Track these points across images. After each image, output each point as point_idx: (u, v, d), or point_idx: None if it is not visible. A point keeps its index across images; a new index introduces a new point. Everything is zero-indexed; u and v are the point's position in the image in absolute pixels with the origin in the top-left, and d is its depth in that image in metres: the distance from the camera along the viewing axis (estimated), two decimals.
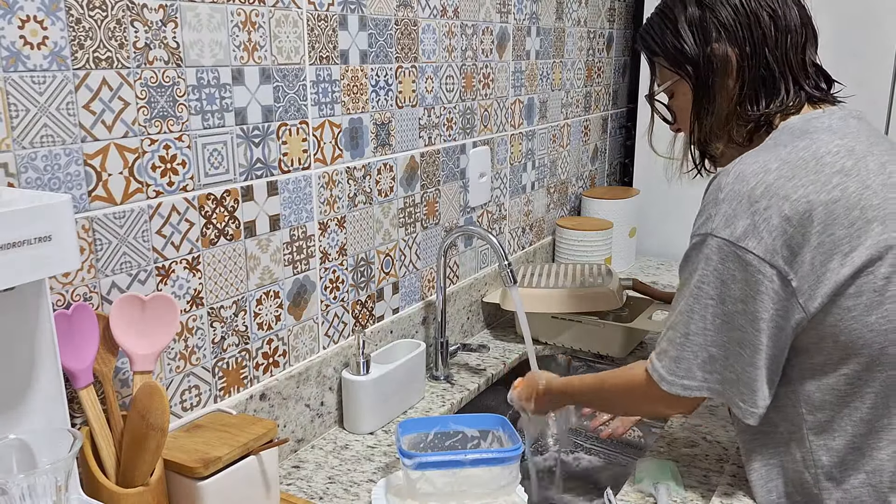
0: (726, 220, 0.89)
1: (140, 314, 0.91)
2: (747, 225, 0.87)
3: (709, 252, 0.90)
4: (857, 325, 0.87)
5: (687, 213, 2.17)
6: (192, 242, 1.01)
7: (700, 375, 0.94)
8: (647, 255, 2.29)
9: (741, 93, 0.98)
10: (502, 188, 1.75)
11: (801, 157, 0.90)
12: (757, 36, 0.97)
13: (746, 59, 0.98)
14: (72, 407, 0.86)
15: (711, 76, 0.99)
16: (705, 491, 1.09)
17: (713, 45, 0.99)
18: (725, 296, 0.90)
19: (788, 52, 0.98)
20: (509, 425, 1.10)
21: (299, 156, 1.15)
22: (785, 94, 0.98)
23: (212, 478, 0.91)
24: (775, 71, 0.97)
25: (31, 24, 0.79)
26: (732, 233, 0.88)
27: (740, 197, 0.89)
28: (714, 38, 0.98)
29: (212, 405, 1.07)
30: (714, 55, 0.99)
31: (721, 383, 0.93)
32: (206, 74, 0.99)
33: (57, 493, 0.71)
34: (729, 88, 0.99)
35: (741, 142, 1.00)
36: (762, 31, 0.97)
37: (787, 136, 0.94)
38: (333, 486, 1.11)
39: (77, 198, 0.86)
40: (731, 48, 0.98)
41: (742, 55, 0.98)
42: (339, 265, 1.27)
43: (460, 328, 1.63)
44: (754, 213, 0.87)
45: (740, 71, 0.98)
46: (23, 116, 0.80)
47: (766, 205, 0.87)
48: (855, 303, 0.86)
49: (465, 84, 1.54)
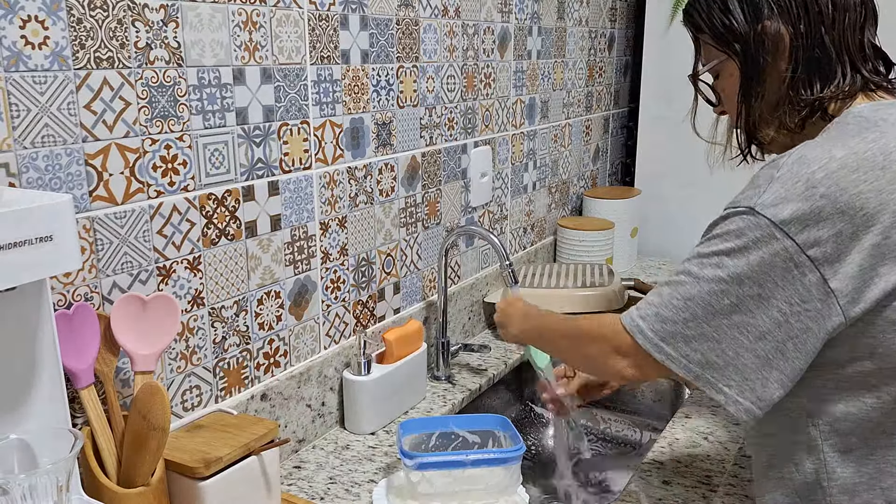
0: (775, 199, 0.81)
1: (141, 314, 0.91)
2: (796, 210, 0.80)
3: (744, 226, 0.82)
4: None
5: (688, 214, 2.18)
6: (193, 242, 1.01)
7: (683, 349, 0.85)
8: (648, 255, 2.29)
9: (794, 75, 0.90)
10: (503, 188, 1.75)
11: (868, 150, 0.82)
12: (813, 13, 0.89)
13: (801, 39, 0.90)
14: (73, 407, 0.86)
15: (762, 56, 0.92)
16: (706, 491, 1.09)
17: (765, 23, 0.91)
18: (745, 276, 0.82)
19: (846, 32, 0.90)
20: (510, 426, 1.10)
21: (300, 156, 1.15)
22: (841, 78, 0.90)
23: (213, 478, 0.91)
24: (831, 52, 0.90)
25: (32, 24, 0.79)
26: (777, 213, 0.80)
27: (797, 179, 0.81)
28: (766, 14, 0.91)
29: (213, 405, 1.07)
30: (765, 33, 0.91)
31: (702, 366, 0.84)
32: (207, 74, 0.99)
33: (58, 494, 0.71)
34: (780, 70, 0.91)
35: (793, 128, 0.93)
36: (818, 9, 0.89)
37: (855, 125, 0.86)
38: (334, 486, 1.11)
39: (78, 198, 0.86)
40: (785, 26, 0.90)
41: (796, 34, 0.90)
42: (340, 265, 1.27)
43: (461, 328, 1.63)
44: (807, 199, 0.80)
45: (793, 51, 0.90)
46: (24, 116, 0.80)
47: (823, 192, 0.79)
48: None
49: (466, 84, 1.54)
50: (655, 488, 1.10)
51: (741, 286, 0.82)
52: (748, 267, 0.82)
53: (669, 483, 1.11)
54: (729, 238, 0.84)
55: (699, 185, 2.08)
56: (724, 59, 0.96)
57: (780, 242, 0.80)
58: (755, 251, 0.81)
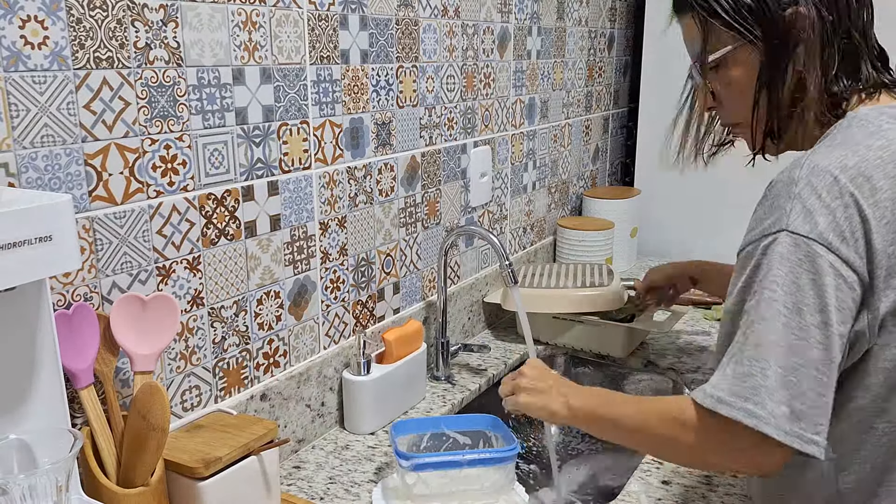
0: (806, 215, 0.76)
1: (141, 314, 0.91)
2: (830, 221, 0.76)
3: (783, 251, 0.76)
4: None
5: (688, 214, 2.18)
6: (192, 242, 1.00)
7: (769, 405, 0.74)
8: (648, 256, 2.29)
9: (825, 65, 0.85)
10: (503, 188, 1.75)
11: (880, 157, 0.79)
12: (842, 4, 0.85)
13: (833, 28, 0.85)
14: (72, 407, 0.86)
15: (792, 42, 0.85)
16: (706, 491, 1.09)
17: (798, 7, 0.85)
18: (802, 304, 0.75)
19: (867, 28, 0.87)
20: (502, 425, 1.10)
21: (300, 155, 1.15)
22: (867, 73, 0.87)
23: (212, 478, 0.91)
24: (858, 46, 0.86)
25: (31, 24, 0.79)
26: (813, 228, 0.75)
27: (819, 191, 0.77)
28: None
29: (212, 405, 1.06)
30: (798, 18, 0.85)
31: (789, 419, 0.74)
32: (206, 74, 0.99)
33: (57, 494, 0.71)
34: (814, 58, 0.85)
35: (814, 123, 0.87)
36: (846, 1, 0.86)
37: (858, 129, 0.83)
38: (334, 486, 1.11)
39: (77, 198, 0.86)
40: (819, 13, 0.84)
41: (827, 23, 0.85)
42: (339, 265, 1.27)
43: (461, 328, 1.63)
44: (836, 210, 0.76)
45: (825, 40, 0.85)
46: (23, 116, 0.80)
47: (847, 202, 0.76)
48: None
49: (465, 84, 1.54)
50: (655, 488, 1.10)
51: (801, 316, 0.76)
52: (801, 293, 0.76)
53: (669, 483, 1.11)
54: (769, 269, 0.77)
55: (699, 186, 2.08)
56: (740, 46, 0.89)
57: (824, 259, 0.75)
58: (804, 275, 0.76)
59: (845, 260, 0.75)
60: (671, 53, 2.17)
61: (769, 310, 0.76)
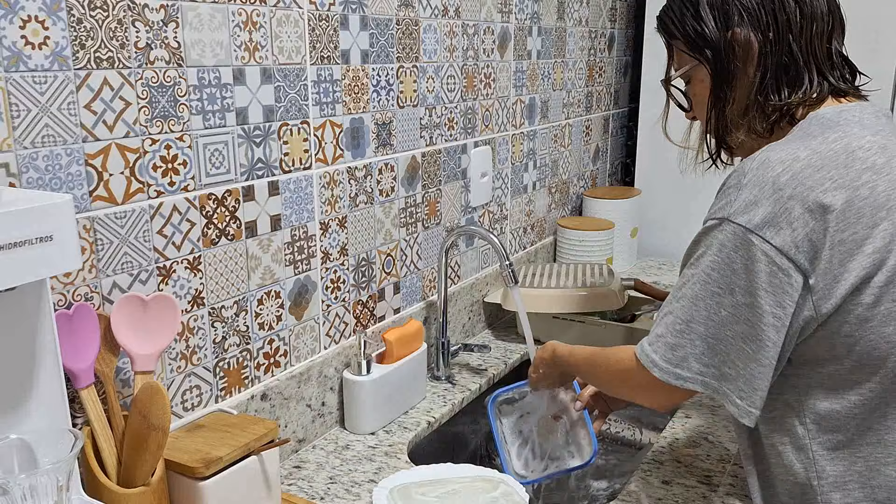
0: (746, 206, 0.84)
1: (141, 314, 0.91)
2: (768, 213, 0.82)
3: (723, 238, 0.85)
4: (874, 335, 0.83)
5: (689, 213, 2.18)
6: (193, 242, 1.01)
7: (696, 367, 0.88)
8: (648, 256, 2.29)
9: (762, 81, 0.93)
10: (503, 188, 1.75)
11: (831, 150, 0.85)
12: (781, 22, 0.92)
13: (769, 46, 0.93)
14: (73, 407, 0.86)
15: (732, 62, 0.94)
16: (707, 491, 1.09)
17: (735, 30, 0.93)
18: (735, 286, 0.84)
19: (813, 41, 0.93)
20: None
21: (300, 156, 1.15)
22: (808, 85, 0.93)
23: (213, 478, 0.91)
24: (799, 60, 0.92)
25: (32, 24, 0.80)
26: (751, 220, 0.83)
27: (763, 183, 0.84)
28: (736, 22, 0.93)
29: (213, 405, 1.07)
30: (735, 40, 0.94)
31: (718, 378, 0.87)
32: (207, 74, 0.99)
33: (58, 493, 0.71)
34: (749, 76, 0.94)
35: (761, 132, 0.96)
36: (787, 17, 0.92)
37: (817, 126, 0.89)
38: (335, 486, 1.11)
39: (78, 198, 0.86)
40: (754, 33, 0.93)
41: (765, 41, 0.93)
42: (340, 265, 1.27)
43: (461, 328, 1.63)
44: (776, 202, 0.82)
45: (762, 58, 0.93)
46: (24, 116, 0.80)
47: (790, 194, 0.82)
48: (872, 312, 0.82)
49: (466, 84, 1.54)
50: (655, 488, 1.10)
51: (733, 295, 0.85)
52: (735, 276, 0.84)
53: (669, 483, 1.11)
54: (711, 251, 0.86)
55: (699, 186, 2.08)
56: (696, 65, 0.99)
57: (758, 248, 0.82)
58: (738, 260, 0.84)
59: (780, 249, 0.82)
60: None
61: (704, 289, 0.87)
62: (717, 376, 0.87)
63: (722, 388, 0.87)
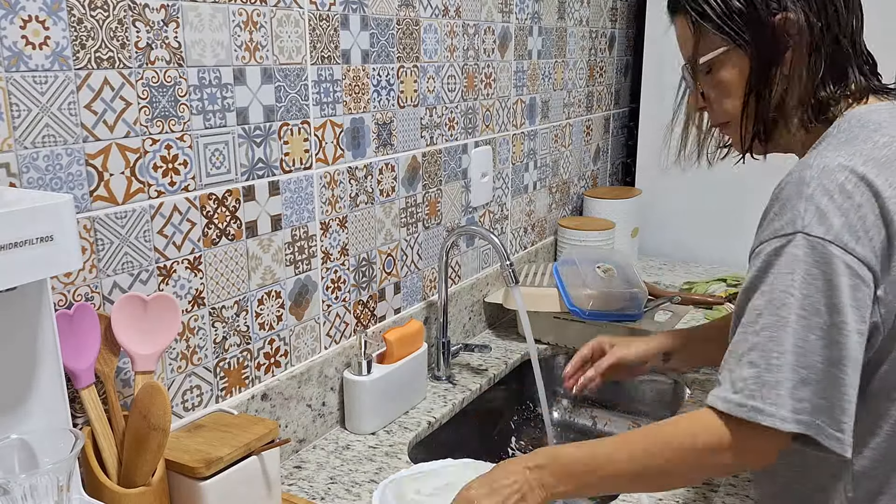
0: (820, 216, 0.76)
1: (142, 314, 0.91)
2: (844, 222, 0.76)
3: (800, 253, 0.77)
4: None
5: (689, 213, 2.18)
6: (193, 242, 1.01)
7: (790, 404, 0.76)
8: (649, 256, 2.29)
9: (812, 70, 0.87)
10: (504, 188, 1.75)
11: (884, 154, 0.80)
12: (831, 11, 0.86)
13: (821, 34, 0.86)
14: (73, 407, 0.86)
15: (781, 47, 0.86)
16: (707, 491, 1.09)
17: (787, 14, 0.86)
18: (819, 305, 0.76)
19: (854, 35, 0.89)
20: None
21: (301, 156, 1.15)
22: (854, 80, 0.88)
23: (213, 478, 0.91)
24: (846, 52, 0.88)
25: (32, 24, 0.80)
26: (829, 230, 0.76)
27: (832, 192, 0.77)
28: (788, 4, 0.86)
29: (213, 405, 1.07)
30: (787, 24, 0.86)
31: (812, 413, 0.76)
32: (207, 74, 0.99)
33: (59, 493, 0.71)
34: (801, 64, 0.87)
35: (807, 127, 0.89)
36: (835, 8, 0.87)
37: (858, 128, 0.84)
38: (335, 486, 1.11)
39: (79, 198, 0.86)
40: (807, 19, 0.86)
41: (816, 29, 0.86)
42: (340, 265, 1.27)
43: (462, 328, 1.63)
44: (850, 210, 0.76)
45: (815, 46, 0.86)
46: (24, 116, 0.80)
47: (860, 202, 0.77)
48: None
49: (466, 84, 1.54)
50: None
51: (819, 316, 0.77)
52: (819, 294, 0.77)
53: None
54: (786, 270, 0.78)
55: (700, 185, 2.08)
56: (730, 49, 0.90)
57: (839, 259, 0.76)
58: (820, 276, 0.76)
59: (861, 259, 0.76)
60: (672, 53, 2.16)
61: (788, 314, 0.77)
62: (810, 410, 0.76)
63: (815, 422, 0.76)
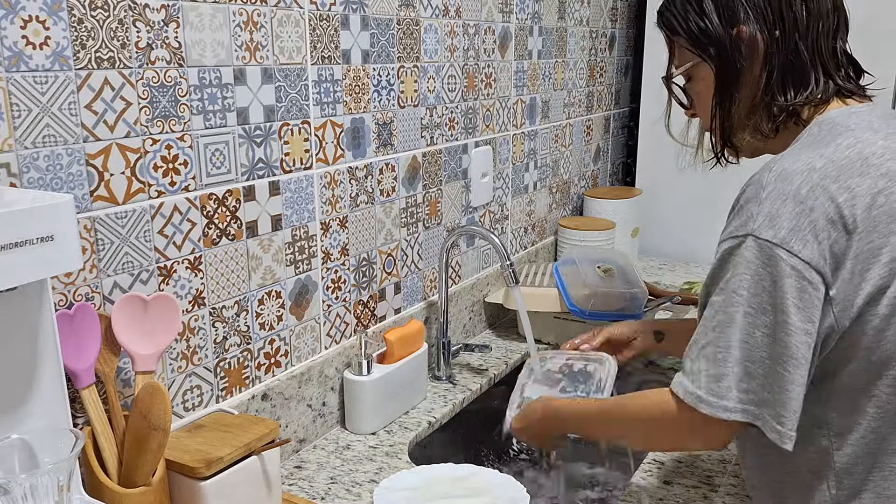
0: (770, 220, 0.81)
1: (142, 314, 0.91)
2: (793, 226, 0.80)
3: (749, 255, 0.82)
4: (890, 345, 0.82)
5: (690, 213, 2.18)
6: (193, 242, 1.01)
7: (736, 395, 0.83)
8: (649, 256, 2.29)
9: (769, 81, 0.91)
10: (504, 188, 1.75)
11: (845, 157, 0.83)
12: (788, 20, 0.89)
13: (776, 45, 0.90)
14: (74, 407, 0.86)
15: (737, 60, 0.91)
16: (708, 491, 1.09)
17: (741, 27, 0.91)
18: (767, 304, 0.81)
19: (819, 40, 0.90)
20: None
21: (301, 156, 1.15)
22: (815, 85, 0.90)
23: (214, 478, 0.91)
24: (805, 59, 0.90)
25: (33, 25, 0.80)
26: (776, 234, 0.80)
27: (785, 196, 0.81)
28: (742, 18, 0.90)
29: (213, 405, 1.07)
30: (741, 38, 0.91)
31: (758, 404, 0.82)
32: (208, 74, 0.99)
33: (59, 493, 0.71)
34: (755, 75, 0.91)
35: (767, 133, 0.93)
36: (793, 15, 0.89)
37: (827, 132, 0.87)
38: (335, 486, 1.11)
39: (79, 198, 0.86)
40: (760, 31, 0.90)
41: (771, 40, 0.90)
42: (340, 265, 1.27)
43: (462, 328, 1.63)
44: (800, 215, 0.80)
45: (768, 56, 0.90)
46: (25, 116, 0.80)
47: (812, 206, 0.80)
48: (888, 322, 0.81)
49: (467, 84, 1.54)
50: (656, 488, 1.10)
51: (765, 315, 0.81)
52: (765, 294, 0.81)
53: (670, 483, 1.11)
54: (738, 271, 0.83)
55: (700, 185, 2.08)
56: (699, 63, 0.96)
57: (786, 262, 0.80)
58: (767, 277, 0.81)
59: (808, 262, 0.79)
60: None
61: (736, 311, 0.83)
62: (756, 402, 0.82)
63: (762, 414, 0.82)
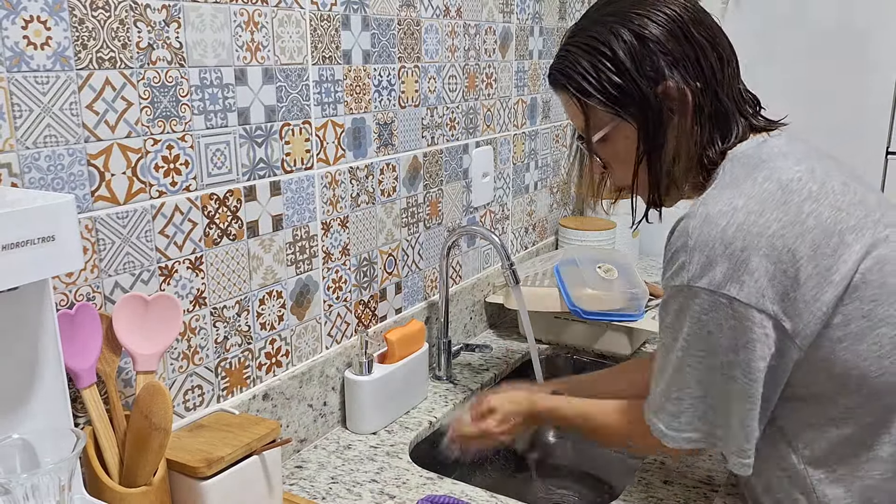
0: (702, 268, 0.81)
1: (143, 314, 0.91)
2: (726, 270, 0.80)
3: (690, 304, 0.83)
4: (850, 354, 0.82)
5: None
6: (194, 242, 1.01)
7: (701, 427, 0.89)
8: (650, 255, 2.28)
9: (702, 133, 0.88)
10: (505, 188, 1.75)
11: (765, 190, 0.82)
12: (706, 69, 0.87)
13: (702, 96, 0.87)
14: (75, 407, 0.86)
15: (666, 115, 0.87)
16: (708, 491, 1.09)
17: (667, 83, 0.87)
18: (716, 347, 0.83)
19: (732, 83, 0.90)
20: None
21: (302, 156, 1.15)
22: (737, 128, 0.90)
23: (215, 478, 0.91)
24: (727, 106, 0.89)
25: (34, 25, 0.80)
26: (711, 281, 0.81)
27: (712, 241, 0.81)
28: (666, 74, 0.86)
29: (214, 405, 1.07)
30: (668, 93, 0.87)
31: (719, 438, 0.88)
32: (209, 74, 0.99)
33: (60, 493, 0.71)
34: (687, 129, 0.88)
35: (702, 184, 0.92)
36: (709, 63, 0.87)
37: (741, 168, 0.87)
38: (336, 486, 1.11)
39: (80, 198, 0.86)
40: (686, 83, 0.87)
41: (698, 91, 0.87)
42: (341, 265, 1.27)
43: (463, 328, 1.63)
44: (730, 257, 0.80)
45: (697, 109, 0.88)
46: (26, 117, 0.80)
47: (742, 246, 0.80)
48: (844, 332, 0.81)
49: (467, 84, 1.54)
50: (657, 488, 1.10)
51: (716, 356, 0.84)
52: (712, 338, 0.83)
53: (671, 483, 1.11)
54: (682, 318, 0.85)
55: None
56: (618, 123, 0.91)
57: (726, 307, 0.81)
58: (710, 323, 0.83)
59: (746, 302, 0.80)
60: None
61: (686, 355, 0.86)
62: (717, 436, 0.89)
63: (725, 444, 0.88)
